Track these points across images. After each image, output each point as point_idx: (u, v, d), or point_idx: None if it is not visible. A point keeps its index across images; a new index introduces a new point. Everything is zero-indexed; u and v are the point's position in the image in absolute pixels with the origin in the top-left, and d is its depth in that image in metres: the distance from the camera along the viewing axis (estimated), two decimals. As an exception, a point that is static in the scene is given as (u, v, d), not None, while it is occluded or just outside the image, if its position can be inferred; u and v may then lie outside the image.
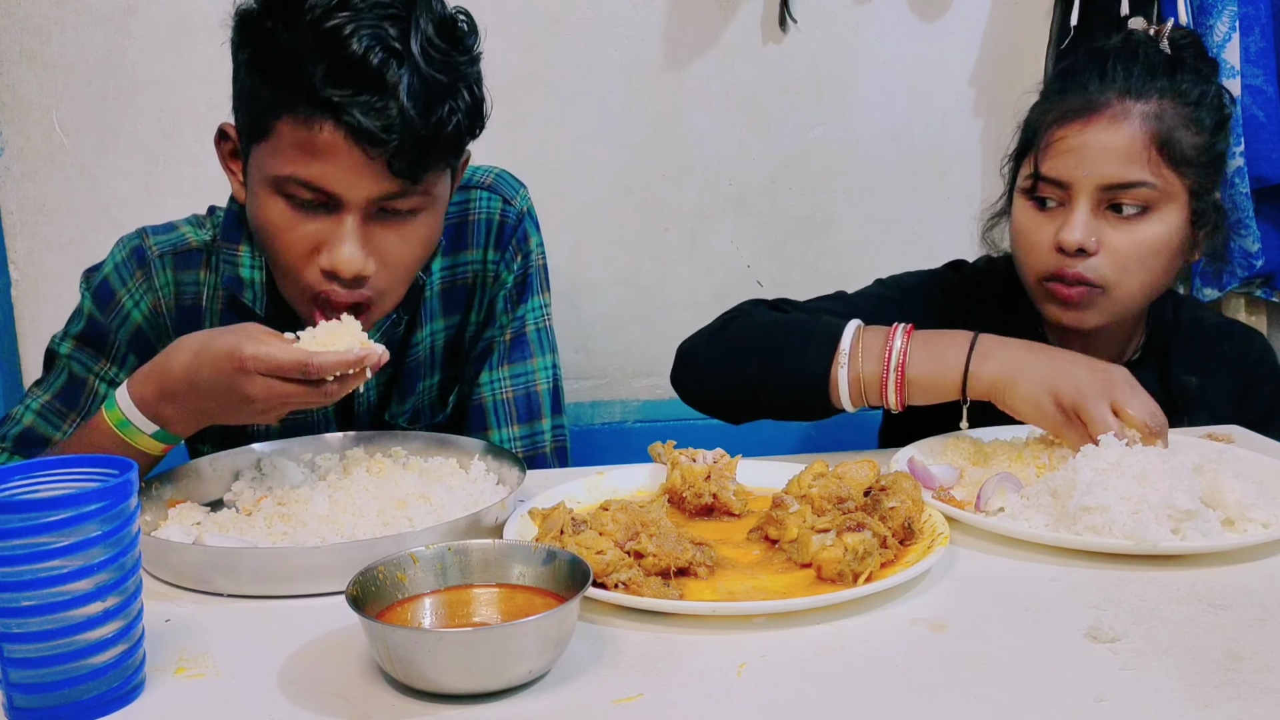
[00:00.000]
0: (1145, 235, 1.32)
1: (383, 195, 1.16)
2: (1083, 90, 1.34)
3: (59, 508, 0.75)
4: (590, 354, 2.14)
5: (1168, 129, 1.30)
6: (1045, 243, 1.35)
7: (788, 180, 2.13)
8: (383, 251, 1.19)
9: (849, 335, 1.24)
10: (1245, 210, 2.00)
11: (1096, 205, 1.32)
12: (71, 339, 1.33)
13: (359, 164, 1.13)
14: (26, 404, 1.32)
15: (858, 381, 1.23)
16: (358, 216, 1.16)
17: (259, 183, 1.19)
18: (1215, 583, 0.97)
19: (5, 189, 1.89)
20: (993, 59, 2.12)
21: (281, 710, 0.79)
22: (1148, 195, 1.31)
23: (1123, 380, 1.15)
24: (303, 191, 1.15)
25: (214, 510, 1.14)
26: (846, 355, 1.23)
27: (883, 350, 1.22)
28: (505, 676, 0.79)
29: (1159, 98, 1.32)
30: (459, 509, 1.09)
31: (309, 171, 1.14)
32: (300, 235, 1.17)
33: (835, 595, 0.92)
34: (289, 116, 1.13)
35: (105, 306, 1.33)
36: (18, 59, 1.86)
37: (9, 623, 0.76)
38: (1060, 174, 1.33)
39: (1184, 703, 0.78)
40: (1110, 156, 1.30)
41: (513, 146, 2.02)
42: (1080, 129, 1.32)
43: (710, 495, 1.13)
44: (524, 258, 1.41)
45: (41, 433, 1.30)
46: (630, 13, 2.02)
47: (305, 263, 1.18)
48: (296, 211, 1.17)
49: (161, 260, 1.34)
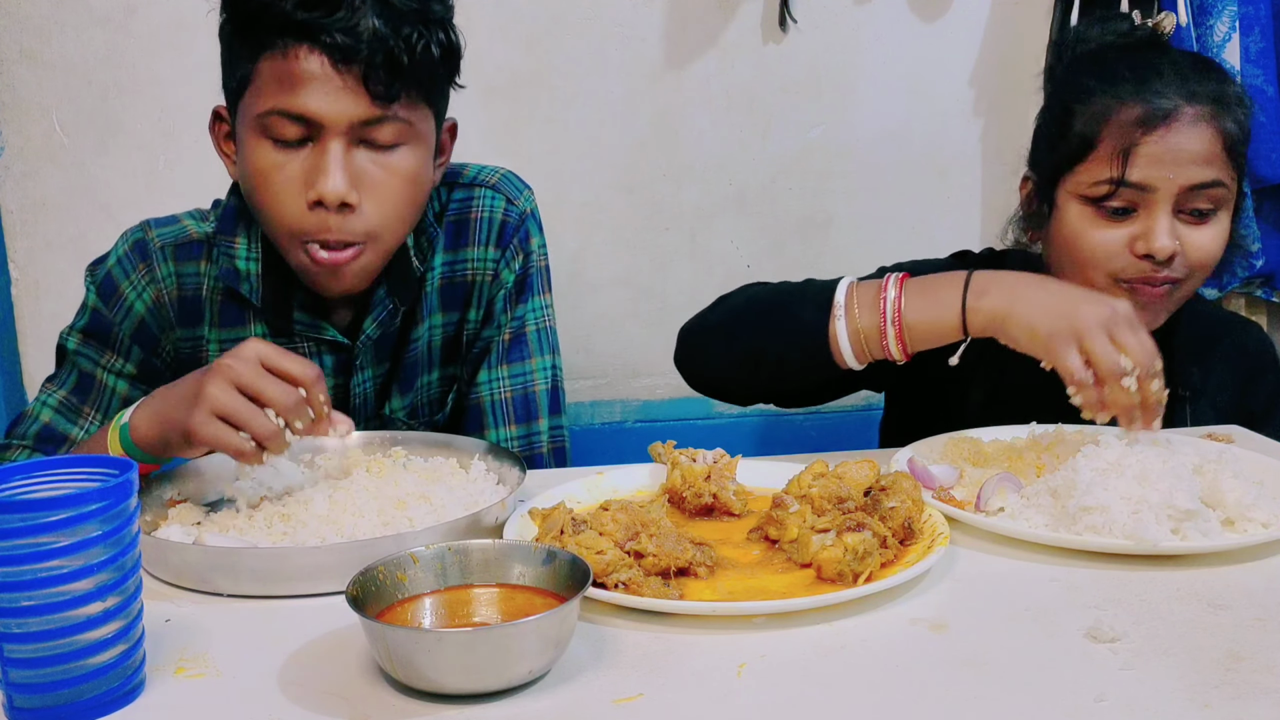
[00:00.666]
0: (1214, 234, 1.35)
1: (362, 120, 1.20)
2: (1148, 94, 1.33)
3: (59, 508, 0.75)
4: (590, 354, 2.14)
5: (1228, 130, 1.33)
6: (1119, 248, 1.34)
7: (788, 180, 2.12)
8: (368, 183, 1.22)
9: (842, 289, 1.24)
10: (1245, 210, 2.00)
11: (1174, 210, 1.33)
12: (78, 333, 1.35)
13: (336, 86, 1.18)
14: (43, 400, 1.33)
15: (857, 334, 1.21)
16: (340, 143, 1.20)
17: (245, 132, 1.23)
18: (1215, 583, 0.97)
19: (5, 189, 1.89)
20: (993, 59, 2.12)
21: (281, 710, 0.79)
22: (1221, 195, 1.34)
23: (1124, 315, 1.14)
24: (286, 125, 1.19)
25: (214, 510, 1.14)
26: (843, 308, 1.22)
27: (877, 299, 1.21)
28: (505, 676, 0.79)
29: (1213, 99, 1.34)
30: (459, 509, 1.09)
31: (290, 100, 1.18)
32: (287, 174, 1.21)
33: (835, 595, 0.92)
34: (266, 55, 1.19)
35: (109, 299, 1.34)
36: (18, 59, 1.86)
37: (9, 623, 0.76)
38: (1146, 180, 1.32)
39: (1184, 703, 0.78)
40: (1192, 160, 1.32)
41: (513, 146, 2.02)
42: (1164, 134, 1.31)
43: (710, 495, 1.13)
44: (525, 258, 1.42)
45: (60, 430, 1.32)
46: (630, 13, 2.02)
47: (295, 203, 1.21)
48: (281, 150, 1.21)
49: (163, 252, 1.35)
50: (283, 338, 1.35)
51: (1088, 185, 1.35)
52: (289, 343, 1.35)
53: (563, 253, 2.08)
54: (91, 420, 1.33)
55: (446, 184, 1.41)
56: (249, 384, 1.04)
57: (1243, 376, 1.51)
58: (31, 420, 1.32)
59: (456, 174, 1.43)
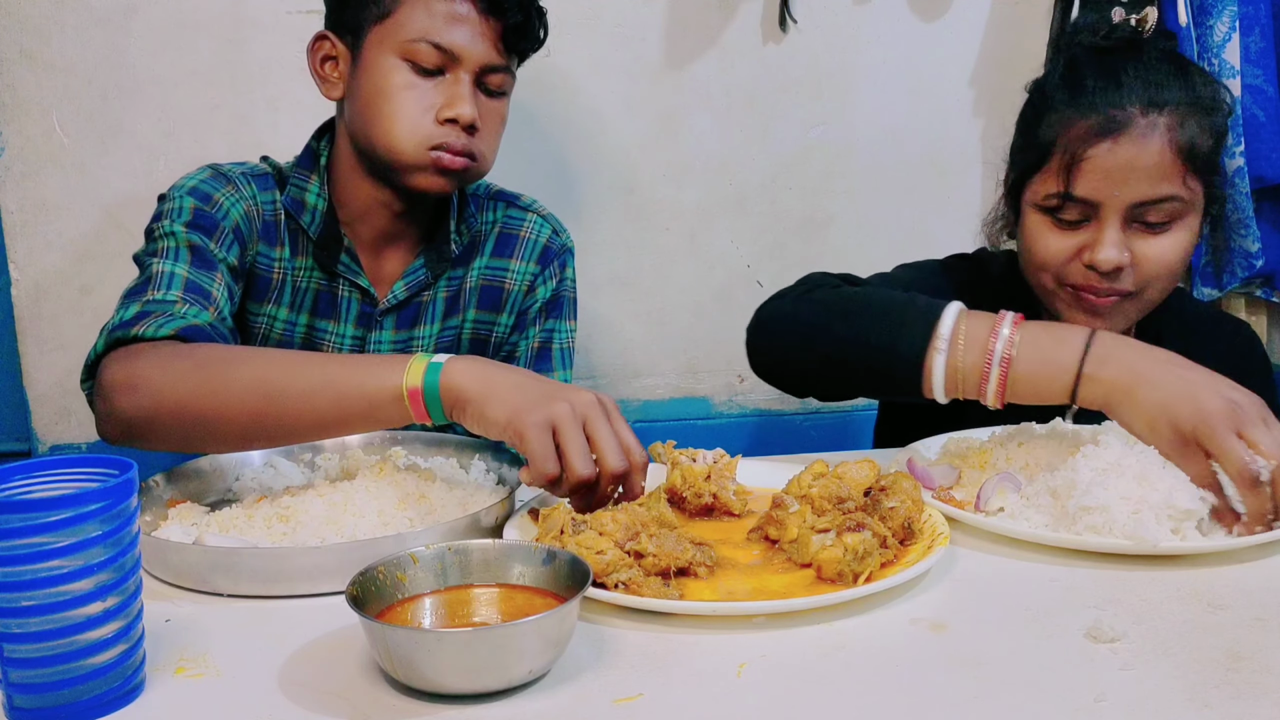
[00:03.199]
0: (1172, 244, 1.32)
1: (489, 65, 1.39)
2: (1103, 105, 1.31)
3: (59, 508, 0.75)
4: (590, 354, 2.13)
5: (1189, 139, 1.29)
6: (1067, 256, 1.34)
7: (788, 180, 2.12)
8: (484, 115, 1.40)
9: (949, 318, 1.14)
10: (1245, 210, 2.00)
11: (1125, 222, 1.31)
12: (180, 224, 1.32)
13: (481, 31, 1.37)
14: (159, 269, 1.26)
15: (955, 372, 1.13)
16: (470, 78, 1.38)
17: (381, 55, 1.37)
18: (1215, 583, 0.97)
19: (5, 189, 1.89)
20: (993, 59, 2.12)
21: (281, 710, 0.79)
22: (1175, 208, 1.31)
23: (1255, 410, 1.04)
24: (429, 53, 1.35)
25: (214, 510, 1.14)
26: (946, 341, 1.13)
27: (987, 340, 1.12)
28: (505, 676, 0.79)
29: (1177, 106, 1.30)
30: (459, 509, 1.09)
31: (441, 34, 1.35)
32: (422, 92, 1.37)
33: (835, 595, 0.92)
34: None
35: (207, 202, 1.38)
36: (18, 59, 1.86)
37: (9, 623, 0.76)
38: (1091, 194, 1.30)
39: (1184, 703, 0.78)
40: (1141, 175, 1.29)
41: (513, 146, 2.02)
42: (1110, 148, 1.29)
43: (710, 495, 1.13)
44: (559, 281, 1.58)
45: (204, 286, 1.27)
46: (630, 13, 2.02)
47: (425, 117, 1.36)
48: (418, 74, 1.36)
49: (243, 177, 1.44)
50: (325, 273, 1.46)
51: (1041, 196, 1.35)
52: (327, 280, 1.46)
53: (563, 253, 2.08)
54: (221, 288, 1.29)
55: (505, 201, 1.58)
56: (596, 429, 1.03)
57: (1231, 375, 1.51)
58: (162, 281, 1.25)
59: (516, 197, 1.60)
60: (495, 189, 1.59)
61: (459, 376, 1.06)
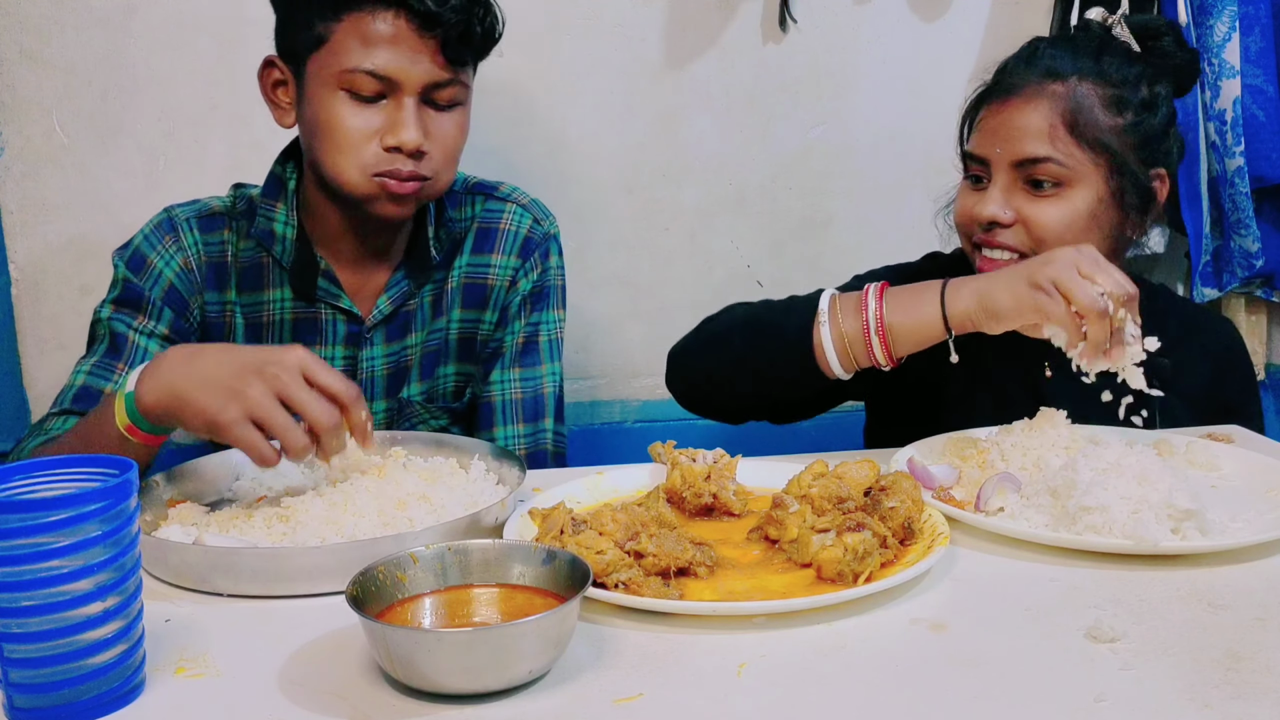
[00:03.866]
0: (1060, 210, 1.37)
1: (433, 82, 1.33)
2: (1008, 74, 1.41)
3: (59, 508, 0.75)
4: (590, 354, 2.13)
5: (1078, 108, 1.35)
6: (971, 215, 1.41)
7: (788, 180, 2.12)
8: (433, 133, 1.35)
9: (825, 299, 1.28)
10: (1245, 210, 2.00)
11: (1013, 182, 1.38)
12: (110, 304, 1.41)
13: (416, 49, 1.30)
14: (77, 370, 1.37)
15: (842, 340, 1.25)
16: (414, 99, 1.32)
17: (320, 86, 1.33)
18: (1215, 583, 0.97)
19: (5, 189, 1.89)
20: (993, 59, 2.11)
21: (281, 710, 0.79)
22: (1057, 172, 1.36)
23: (1089, 253, 1.17)
24: (365, 81, 1.30)
25: (214, 510, 1.14)
26: (826, 314, 1.26)
27: (859, 307, 1.25)
28: (505, 676, 0.79)
29: (1078, 79, 1.36)
30: (459, 509, 1.09)
31: (375, 60, 1.30)
32: (363, 120, 1.32)
33: (835, 595, 0.92)
34: (350, 14, 1.30)
35: (139, 270, 1.41)
36: (18, 59, 1.86)
37: (9, 623, 0.76)
38: (979, 150, 1.41)
39: (1184, 703, 0.78)
40: (1020, 134, 1.37)
41: (513, 146, 2.02)
42: (998, 109, 1.39)
43: (710, 495, 1.13)
44: (543, 272, 1.53)
45: (96, 388, 1.35)
46: (630, 13, 2.02)
47: (367, 144, 1.32)
48: (359, 103, 1.32)
49: (188, 223, 1.44)
50: (303, 301, 1.44)
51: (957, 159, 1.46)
52: (308, 307, 1.44)
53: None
54: (124, 375, 1.34)
55: (482, 194, 1.54)
56: (292, 395, 1.04)
57: (1214, 370, 1.52)
58: (68, 389, 1.35)
59: (493, 188, 1.55)
60: (473, 181, 1.55)
61: (148, 397, 1.09)
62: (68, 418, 1.32)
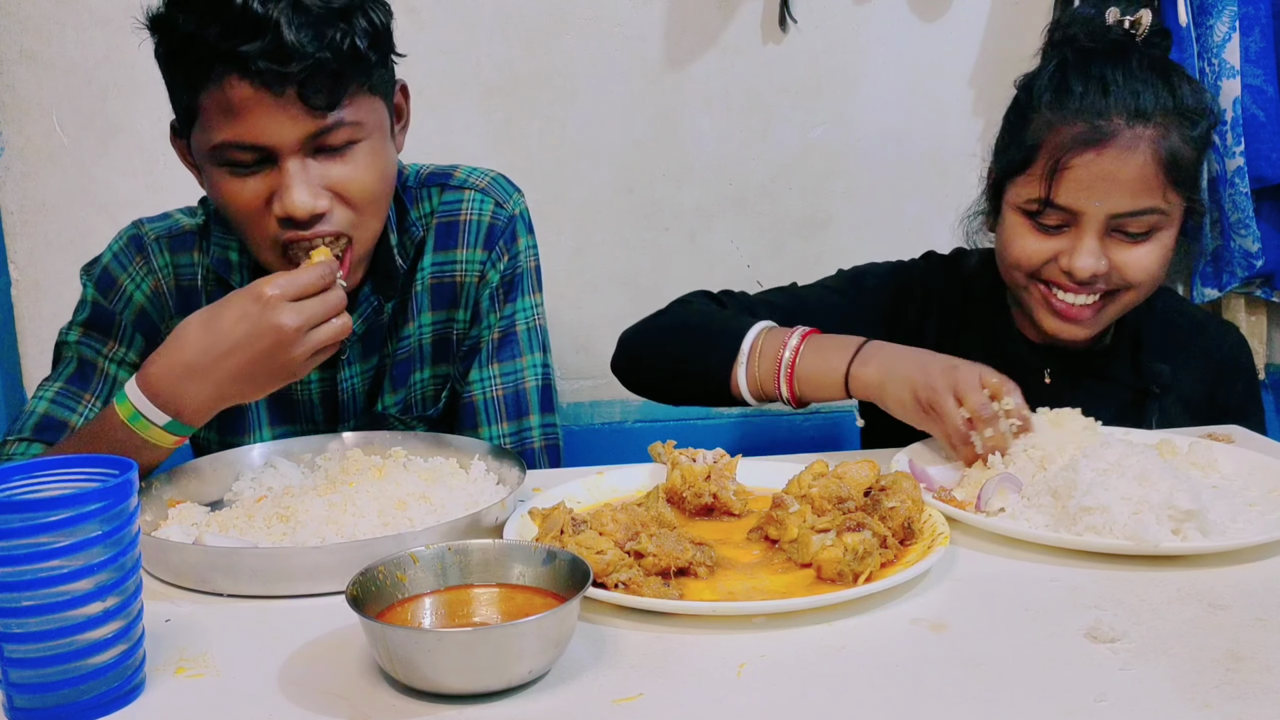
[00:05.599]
0: (1148, 253, 1.34)
1: (311, 133, 1.19)
2: (1088, 113, 1.31)
3: (59, 508, 0.75)
4: (590, 354, 2.13)
5: (1172, 151, 1.30)
6: (1044, 259, 1.35)
7: (788, 180, 2.12)
8: (334, 187, 1.23)
9: (750, 337, 1.33)
10: (1245, 210, 2.00)
11: (1104, 231, 1.32)
12: (78, 327, 1.36)
13: (274, 108, 1.17)
14: (39, 395, 1.33)
15: (754, 380, 1.32)
16: (296, 159, 1.20)
17: (204, 163, 1.24)
18: (1215, 583, 0.97)
19: (5, 189, 1.89)
20: (993, 59, 2.12)
21: (281, 710, 0.79)
22: (1155, 220, 1.32)
23: (966, 374, 1.19)
24: (238, 154, 1.20)
25: (214, 510, 1.14)
26: (745, 354, 1.32)
27: (778, 351, 1.30)
28: (505, 676, 0.79)
29: (1163, 117, 1.30)
30: (459, 509, 1.09)
31: (235, 131, 1.18)
32: (250, 195, 1.22)
33: (835, 595, 0.92)
34: (205, 89, 1.18)
35: (108, 293, 1.37)
36: (18, 59, 1.86)
37: (9, 623, 0.76)
38: (1072, 204, 1.31)
39: (1184, 703, 0.78)
40: (1123, 188, 1.30)
41: (513, 146, 2.02)
42: (1093, 159, 1.30)
43: (710, 495, 1.13)
44: (511, 258, 1.44)
45: (58, 417, 1.31)
46: (630, 13, 2.02)
47: (263, 218, 1.22)
48: (240, 176, 1.21)
49: (158, 243, 1.39)
50: None
51: (1023, 199, 1.36)
52: None
53: (563, 252, 2.08)
54: (91, 406, 1.33)
55: (438, 185, 1.44)
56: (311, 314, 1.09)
57: (1214, 375, 1.51)
58: (28, 415, 1.32)
59: (448, 176, 1.45)
60: (425, 173, 1.45)
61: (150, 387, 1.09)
62: (30, 445, 1.29)
